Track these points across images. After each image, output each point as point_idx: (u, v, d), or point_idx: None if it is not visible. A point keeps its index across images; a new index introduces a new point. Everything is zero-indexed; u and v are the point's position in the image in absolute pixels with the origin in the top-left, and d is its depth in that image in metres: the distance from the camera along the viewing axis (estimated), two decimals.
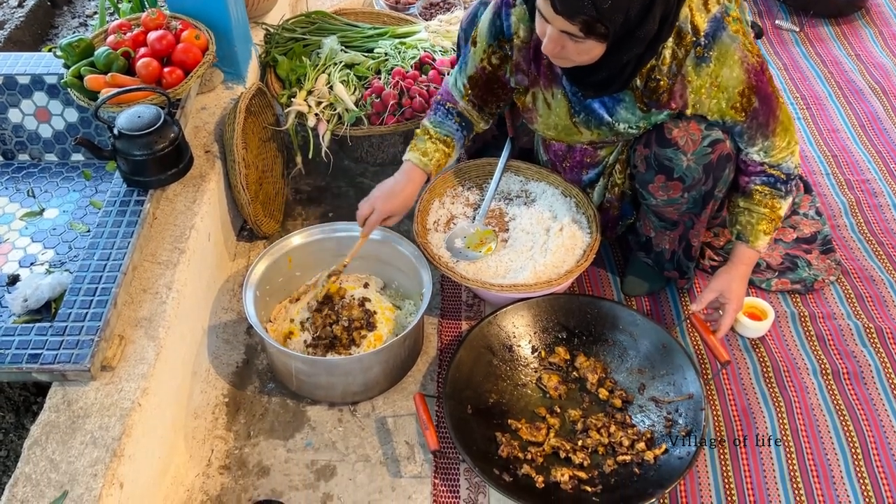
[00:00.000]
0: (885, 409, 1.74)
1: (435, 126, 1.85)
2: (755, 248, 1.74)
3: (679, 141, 1.63)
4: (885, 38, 3.01)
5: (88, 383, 1.47)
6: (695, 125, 1.62)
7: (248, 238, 2.18)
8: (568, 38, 1.43)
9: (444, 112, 1.86)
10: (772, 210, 1.72)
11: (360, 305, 1.89)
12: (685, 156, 1.63)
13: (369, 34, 2.44)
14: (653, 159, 1.68)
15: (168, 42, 1.93)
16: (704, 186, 1.69)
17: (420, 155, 1.82)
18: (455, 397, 1.66)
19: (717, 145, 1.63)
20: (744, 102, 1.57)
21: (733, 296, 1.74)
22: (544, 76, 1.70)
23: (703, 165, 1.65)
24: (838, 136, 2.54)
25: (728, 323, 1.74)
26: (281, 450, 1.71)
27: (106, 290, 1.56)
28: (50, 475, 1.33)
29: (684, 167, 1.65)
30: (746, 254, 1.76)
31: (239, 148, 1.94)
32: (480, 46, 1.74)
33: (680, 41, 1.52)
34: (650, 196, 1.76)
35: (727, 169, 1.68)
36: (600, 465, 1.62)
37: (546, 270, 1.84)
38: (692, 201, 1.73)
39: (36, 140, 2.13)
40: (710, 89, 1.56)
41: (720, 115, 1.59)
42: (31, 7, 2.81)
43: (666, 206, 1.76)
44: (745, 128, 1.62)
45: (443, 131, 1.84)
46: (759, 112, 1.60)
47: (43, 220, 1.99)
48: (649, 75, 1.56)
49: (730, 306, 1.74)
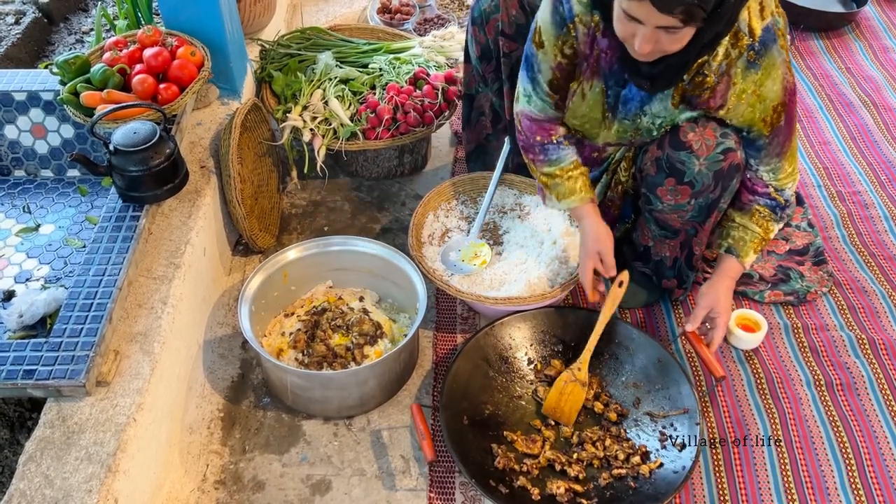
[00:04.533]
0: (879, 419, 1.75)
1: (558, 166, 1.81)
2: (743, 263, 1.76)
3: (693, 145, 1.63)
4: (874, 52, 3.05)
5: (83, 399, 1.47)
6: (710, 131, 1.63)
7: (243, 253, 2.19)
8: (663, 33, 1.39)
9: (554, 148, 1.81)
10: (765, 232, 1.74)
11: (369, 320, 1.89)
12: (698, 160, 1.64)
13: (364, 50, 2.46)
14: (665, 161, 1.68)
15: (164, 59, 1.95)
16: (712, 194, 1.70)
17: (573, 197, 1.80)
18: (451, 408, 1.67)
19: (730, 154, 1.64)
20: (774, 118, 1.59)
21: (722, 308, 1.76)
22: (591, 67, 1.67)
23: (714, 172, 1.65)
24: (829, 148, 2.57)
25: (720, 336, 1.75)
26: (276, 464, 1.70)
27: (101, 306, 1.56)
28: (45, 491, 1.33)
29: (696, 171, 1.65)
30: (734, 268, 1.78)
31: (234, 163, 1.95)
32: (549, 42, 1.65)
33: (736, 41, 1.51)
34: (657, 200, 1.75)
35: (735, 179, 1.69)
36: (596, 478, 1.62)
37: (540, 283, 1.85)
38: (698, 209, 1.73)
39: (32, 156, 2.14)
40: (749, 96, 1.57)
41: (749, 124, 1.61)
42: (28, 24, 2.82)
43: (672, 212, 1.76)
44: (765, 143, 1.63)
45: (567, 164, 1.81)
46: (781, 131, 1.62)
47: (38, 235, 1.99)
48: (698, 70, 1.55)
49: (720, 319, 1.75)
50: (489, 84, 2.10)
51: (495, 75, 2.06)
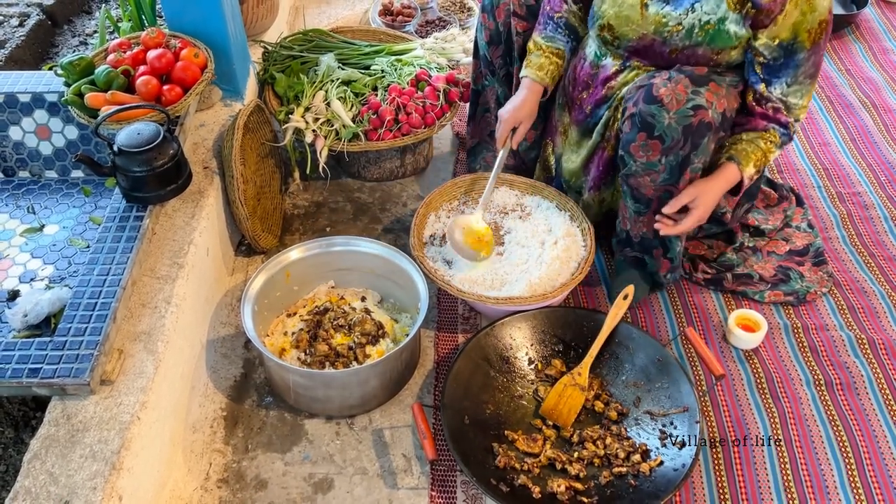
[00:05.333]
0: (878, 419, 1.76)
1: (546, 41, 1.97)
2: (743, 172, 1.80)
3: (665, 98, 1.67)
4: (874, 54, 3.06)
5: (88, 397, 1.48)
6: (682, 87, 1.67)
7: (246, 253, 2.20)
8: None
9: (553, 26, 1.97)
10: (767, 152, 1.82)
11: (371, 319, 1.90)
12: (668, 113, 1.67)
13: (366, 52, 2.47)
14: (637, 117, 1.72)
15: (167, 60, 1.96)
16: (682, 150, 1.71)
17: (536, 70, 1.96)
18: (453, 407, 1.68)
19: (700, 111, 1.67)
20: (817, 33, 1.68)
21: (701, 203, 1.78)
22: None
23: (683, 127, 1.68)
24: (829, 149, 2.57)
25: (689, 223, 1.79)
26: (279, 463, 1.71)
27: (105, 305, 1.57)
28: (49, 488, 1.34)
29: (665, 125, 1.68)
30: (732, 173, 1.81)
31: (237, 164, 1.96)
32: None
33: None
34: (630, 159, 1.77)
35: (707, 137, 1.71)
36: (596, 476, 1.63)
37: (541, 283, 1.86)
38: (669, 169, 1.74)
39: (36, 157, 2.16)
40: (803, 3, 1.64)
41: (796, 34, 1.68)
42: (32, 26, 2.84)
43: (644, 172, 1.76)
44: (803, 59, 1.71)
45: (554, 45, 1.97)
46: (819, 50, 1.71)
47: (43, 236, 2.00)
48: None
49: (695, 212, 1.79)
50: (496, 72, 2.16)
51: (502, 60, 2.15)
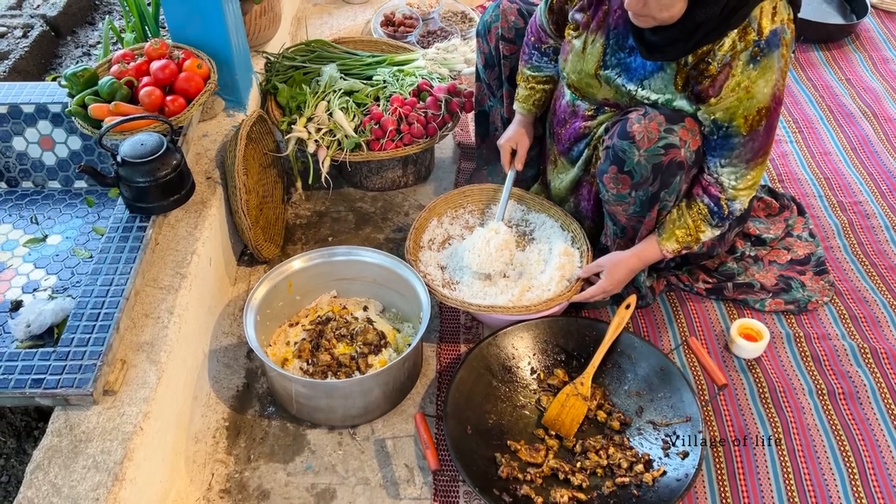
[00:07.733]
0: (881, 428, 1.75)
1: (532, 70, 2.02)
2: (661, 246, 1.81)
3: (636, 135, 1.67)
4: (874, 63, 3.07)
5: (90, 407, 1.48)
6: (655, 125, 1.66)
7: (248, 263, 2.20)
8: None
9: (538, 55, 1.99)
10: (696, 230, 1.79)
11: (373, 329, 1.90)
12: (638, 151, 1.68)
13: (368, 62, 2.48)
14: (611, 150, 1.73)
15: (171, 71, 1.97)
16: (651, 187, 1.72)
17: (522, 102, 2.05)
18: (455, 417, 1.67)
19: (671, 150, 1.67)
20: (755, 119, 1.63)
21: (609, 275, 1.83)
22: (596, 21, 1.76)
23: (653, 165, 1.68)
24: (830, 158, 2.58)
25: (591, 293, 1.84)
26: (281, 473, 1.71)
27: (108, 315, 1.58)
28: (52, 499, 1.34)
29: (635, 161, 1.69)
30: (649, 249, 1.83)
31: (240, 174, 1.97)
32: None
33: (744, 35, 1.57)
34: (604, 189, 1.79)
35: (678, 176, 1.72)
36: (599, 486, 1.63)
37: (543, 293, 1.86)
38: (639, 203, 1.76)
39: (40, 168, 2.16)
40: (740, 90, 1.60)
41: (731, 118, 1.64)
42: (35, 37, 2.86)
43: (616, 202, 1.79)
44: (739, 143, 1.67)
45: (542, 74, 2.01)
46: (758, 137, 1.65)
47: (46, 246, 2.01)
48: (703, 57, 1.62)
49: (601, 284, 1.83)
50: (495, 93, 2.19)
51: (498, 82, 2.17)
